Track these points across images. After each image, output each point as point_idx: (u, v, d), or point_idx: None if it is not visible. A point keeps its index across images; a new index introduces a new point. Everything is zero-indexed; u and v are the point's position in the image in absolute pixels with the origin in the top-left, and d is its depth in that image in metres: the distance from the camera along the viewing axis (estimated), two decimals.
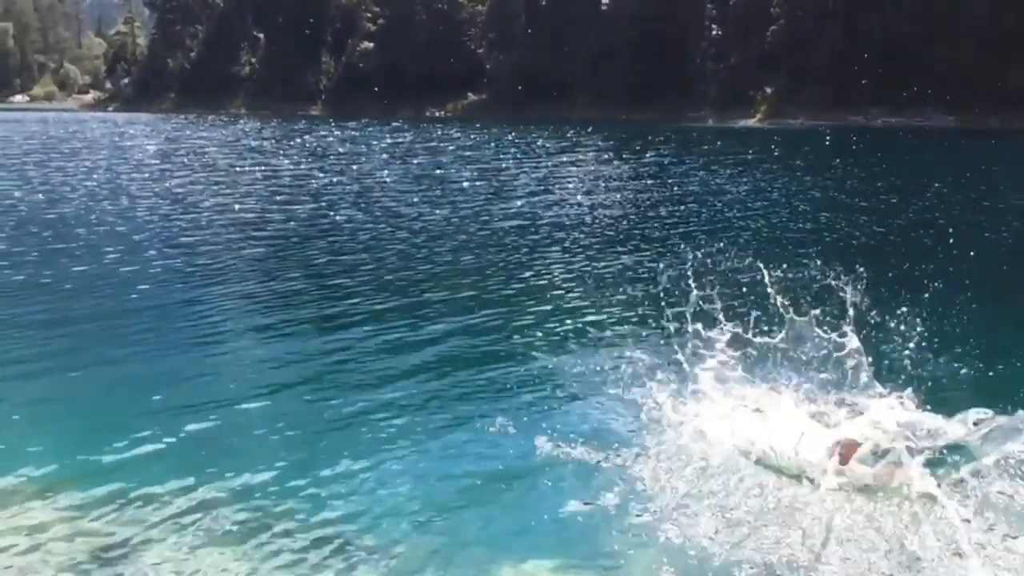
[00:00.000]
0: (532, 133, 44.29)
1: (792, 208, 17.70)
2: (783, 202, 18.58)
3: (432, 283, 10.82)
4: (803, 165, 28.09)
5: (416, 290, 10.45)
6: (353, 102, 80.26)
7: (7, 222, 14.81)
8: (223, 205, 17.59)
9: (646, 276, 11.50)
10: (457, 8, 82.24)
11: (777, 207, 17.80)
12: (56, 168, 24.86)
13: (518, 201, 18.34)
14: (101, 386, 6.76)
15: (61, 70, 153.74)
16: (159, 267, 11.36)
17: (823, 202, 18.73)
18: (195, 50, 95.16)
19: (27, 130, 48.52)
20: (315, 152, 32.65)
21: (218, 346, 7.93)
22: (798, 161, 29.18)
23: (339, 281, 10.80)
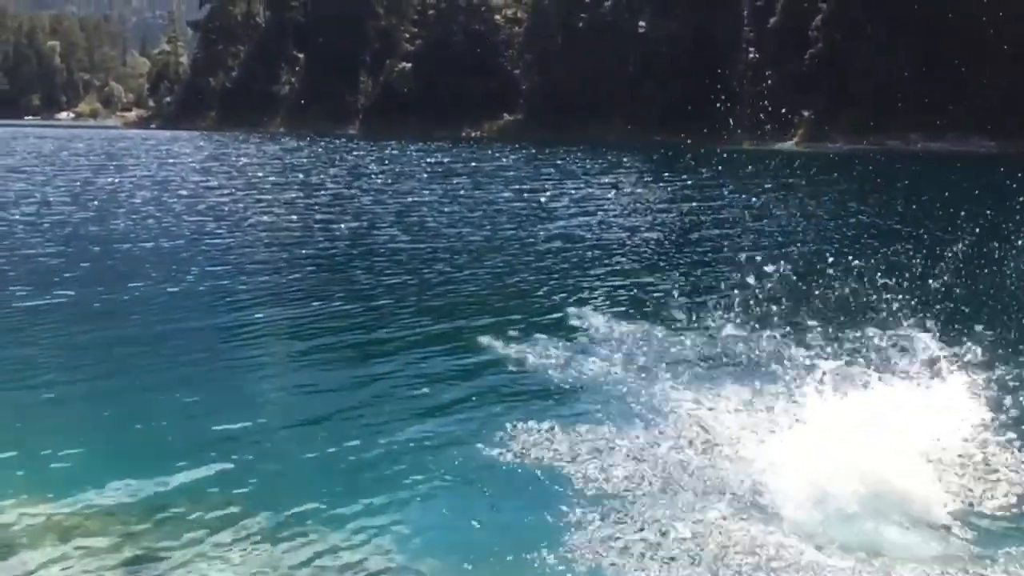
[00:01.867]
0: (569, 154, 44.36)
1: (838, 233, 17.49)
2: (828, 227, 18.38)
3: (475, 306, 10.80)
4: (844, 189, 27.80)
5: (459, 313, 10.44)
6: (390, 122, 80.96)
7: (57, 239, 15.04)
8: (265, 224, 17.77)
9: (689, 298, 11.42)
10: (494, 30, 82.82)
11: (822, 231, 17.61)
12: (102, 185, 25.29)
13: (559, 222, 18.32)
14: (141, 409, 6.73)
15: (106, 88, 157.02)
16: (203, 288, 11.45)
17: (867, 227, 18.51)
18: (236, 69, 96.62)
19: (73, 147, 49.46)
20: (354, 171, 32.92)
21: (259, 370, 7.93)
22: (838, 185, 28.89)
23: (381, 303, 10.82)
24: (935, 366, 6.22)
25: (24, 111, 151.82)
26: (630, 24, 73.95)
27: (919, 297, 7.97)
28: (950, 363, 6.33)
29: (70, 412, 6.62)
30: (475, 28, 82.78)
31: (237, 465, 5.59)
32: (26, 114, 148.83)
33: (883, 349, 6.81)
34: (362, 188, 25.68)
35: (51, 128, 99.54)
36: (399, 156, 42.68)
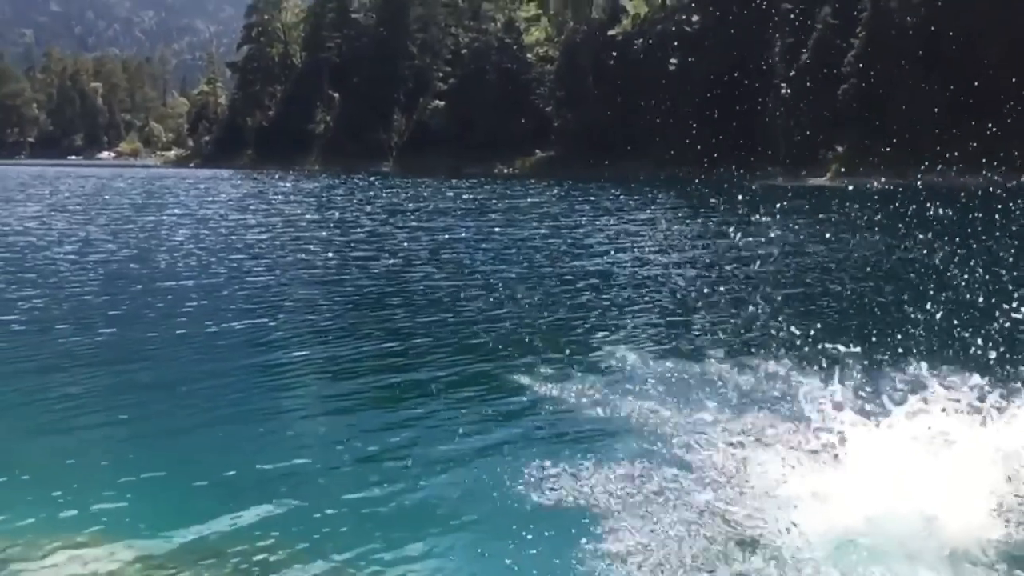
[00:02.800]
0: (602, 190, 44.46)
1: (880, 269, 17.28)
2: (868, 263, 18.17)
3: (511, 345, 10.78)
4: (882, 224, 27.51)
5: (495, 352, 10.42)
6: (423, 159, 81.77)
7: (99, 277, 15.29)
8: (303, 261, 17.95)
9: (728, 335, 11.33)
10: (526, 68, 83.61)
11: (863, 268, 17.41)
12: (143, 223, 25.74)
13: (594, 259, 18.32)
14: (181, 452, 6.78)
15: (146, 128, 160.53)
16: (242, 326, 11.54)
17: (910, 263, 18.28)
18: (273, 109, 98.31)
19: (114, 186, 50.48)
20: (389, 208, 33.21)
21: (297, 412, 7.97)
22: (876, 220, 28.60)
23: (418, 341, 10.84)
24: (992, 404, 6.09)
25: (67, 151, 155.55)
26: (661, 61, 74.32)
27: (966, 334, 7.84)
28: (1010, 403, 6.19)
29: (111, 454, 6.67)
30: (507, 66, 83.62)
31: (276, 506, 5.61)
32: (69, 154, 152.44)
33: (932, 386, 6.67)
34: (397, 225, 25.89)
35: (93, 167, 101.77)
36: (433, 193, 43.03)
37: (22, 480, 6.11)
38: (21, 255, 17.99)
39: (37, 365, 9.29)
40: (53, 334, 10.68)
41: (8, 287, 14.00)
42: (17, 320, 11.51)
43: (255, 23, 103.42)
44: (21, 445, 7.01)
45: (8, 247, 19.45)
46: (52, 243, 20.26)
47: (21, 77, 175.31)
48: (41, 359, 9.52)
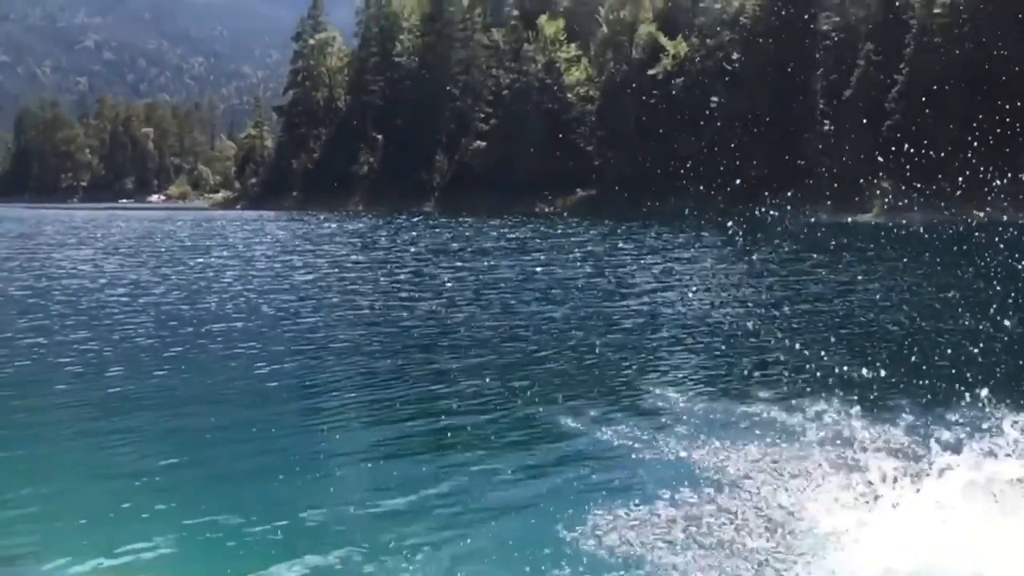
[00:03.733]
0: (644, 229, 44.41)
1: (930, 309, 16.95)
2: (919, 301, 17.86)
3: (556, 386, 10.74)
4: (932, 262, 27.05)
5: (540, 394, 10.37)
6: (465, 199, 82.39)
7: (148, 320, 15.54)
8: (348, 302, 18.12)
9: (776, 376, 11.17)
10: (567, 107, 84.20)
11: (913, 306, 17.10)
12: (191, 265, 26.21)
13: (639, 298, 18.24)
14: (228, 499, 6.78)
15: (195, 171, 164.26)
16: (289, 368, 11.64)
17: (963, 302, 17.91)
18: (318, 151, 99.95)
19: (164, 228, 51.58)
20: (432, 248, 33.47)
21: (343, 457, 7.96)
22: (925, 257, 28.13)
23: (463, 383, 10.84)
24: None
25: (119, 194, 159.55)
26: (702, 99, 74.40)
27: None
28: None
29: (163, 499, 6.72)
30: (548, 106, 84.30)
31: (325, 555, 5.61)
32: (120, 197, 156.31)
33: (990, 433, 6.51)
34: (441, 265, 26.05)
35: (143, 210, 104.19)
36: (475, 232, 43.31)
37: (77, 524, 6.19)
38: (75, 297, 18.39)
39: (90, 408, 9.45)
40: (106, 377, 10.87)
41: (62, 329, 14.30)
42: (71, 362, 11.74)
43: (301, 68, 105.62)
44: (74, 488, 7.12)
45: (62, 289, 19.91)
46: (104, 285, 20.70)
47: (75, 124, 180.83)
48: (94, 402, 9.69)
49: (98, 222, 60.93)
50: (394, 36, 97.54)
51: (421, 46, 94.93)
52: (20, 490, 6.92)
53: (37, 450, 8.15)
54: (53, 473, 7.51)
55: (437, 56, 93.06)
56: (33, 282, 21.22)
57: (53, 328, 14.41)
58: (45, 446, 8.27)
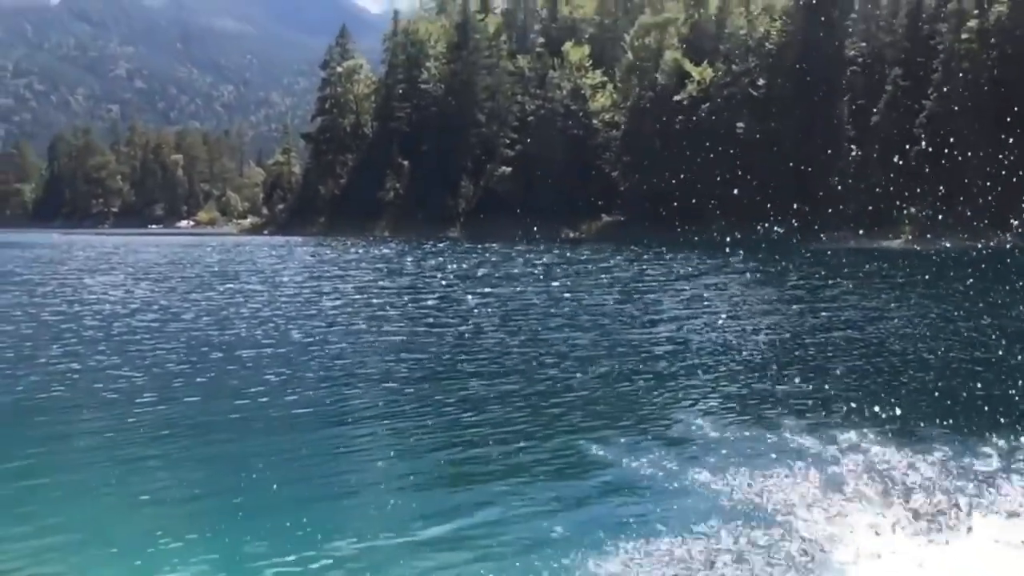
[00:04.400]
0: (671, 254, 44.26)
1: (962, 338, 16.74)
2: (951, 329, 17.63)
3: (584, 414, 10.71)
4: (962, 290, 26.72)
5: (568, 422, 10.36)
6: (491, 224, 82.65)
7: (178, 347, 15.65)
8: (376, 328, 18.16)
9: (806, 404, 11.06)
10: (592, 133, 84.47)
11: (946, 335, 16.88)
12: (220, 290, 26.43)
13: (667, 325, 18.16)
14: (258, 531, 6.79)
15: (223, 197, 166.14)
16: (317, 395, 11.67)
17: (993, 331, 17.67)
18: (344, 177, 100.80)
19: (193, 254, 52.13)
20: (458, 274, 33.55)
21: (372, 489, 7.94)
22: (956, 285, 27.80)
23: (491, 411, 10.83)
24: None
25: (148, 220, 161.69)
26: (728, 125, 74.37)
27: None
28: None
29: (189, 529, 6.75)
30: (573, 132, 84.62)
31: None
32: (150, 223, 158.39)
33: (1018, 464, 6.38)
34: (467, 291, 26.10)
35: (173, 235, 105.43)
36: (501, 258, 43.40)
37: (110, 552, 6.23)
38: (107, 323, 18.58)
39: (122, 435, 9.51)
40: (138, 404, 10.95)
41: (94, 355, 14.45)
42: (104, 388, 11.85)
43: (328, 95, 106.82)
44: (107, 515, 7.18)
45: (94, 314, 20.13)
46: (135, 311, 20.90)
47: (107, 151, 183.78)
48: (126, 429, 9.75)
49: (128, 247, 61.72)
50: (421, 63, 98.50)
51: (447, 73, 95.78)
52: (54, 516, 6.99)
53: (71, 476, 8.23)
54: (86, 499, 7.58)
55: (463, 83, 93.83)
56: (66, 307, 21.49)
57: (86, 354, 14.56)
58: (78, 472, 8.34)
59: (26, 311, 20.49)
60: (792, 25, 71.54)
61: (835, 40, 69.05)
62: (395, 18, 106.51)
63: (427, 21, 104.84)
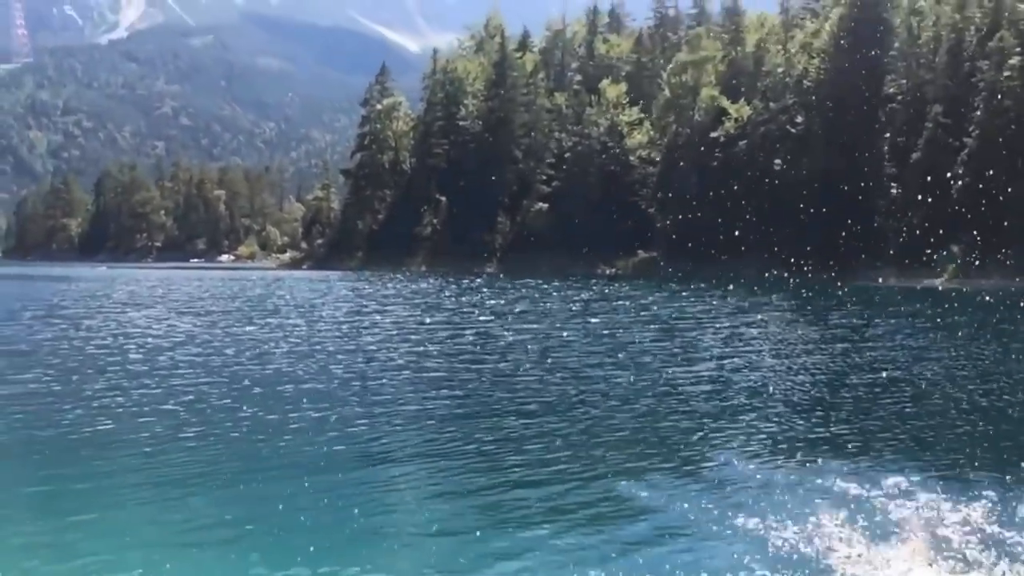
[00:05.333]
0: (708, 291, 44.00)
1: (1009, 379, 16.42)
2: (997, 370, 17.30)
3: (622, 453, 10.66)
4: (1007, 330, 26.27)
5: (606, 460, 10.31)
6: (527, 260, 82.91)
7: (219, 381, 15.82)
8: (414, 364, 18.23)
9: (848, 446, 10.91)
10: (628, 170, 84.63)
11: (992, 375, 16.58)
12: (260, 324, 26.73)
13: (705, 363, 18.03)
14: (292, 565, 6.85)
15: (263, 232, 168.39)
16: (356, 432, 11.72)
17: None
18: (383, 212, 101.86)
19: (233, 288, 52.80)
20: (495, 310, 33.61)
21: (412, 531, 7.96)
22: (1001, 325, 27.33)
23: (529, 449, 10.82)
24: None
25: (190, 254, 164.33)
26: (765, 162, 74.14)
27: None
28: None
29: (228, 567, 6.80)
30: (609, 168, 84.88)
31: None
32: (192, 257, 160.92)
33: None
34: (504, 327, 26.13)
35: (214, 269, 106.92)
36: (538, 293, 43.43)
37: None
38: (150, 356, 18.86)
39: (165, 470, 9.62)
40: (180, 439, 11.09)
41: (138, 388, 14.66)
42: (147, 422, 12.01)
43: (368, 132, 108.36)
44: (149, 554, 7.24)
45: (138, 347, 20.45)
46: (178, 344, 21.20)
47: (151, 186, 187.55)
48: (169, 464, 9.85)
49: (171, 281, 62.72)
50: (459, 100, 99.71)
51: (485, 110, 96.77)
52: (98, 553, 7.09)
53: (115, 513, 8.33)
54: (129, 536, 7.66)
55: (500, 120, 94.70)
56: (111, 340, 21.86)
57: (130, 388, 14.78)
58: (122, 509, 8.45)
59: (73, 344, 20.87)
60: (830, 63, 71.36)
61: (874, 77, 68.73)
62: (434, 56, 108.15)
63: (465, 59, 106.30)
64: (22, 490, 9.11)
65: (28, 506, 8.59)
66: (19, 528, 7.92)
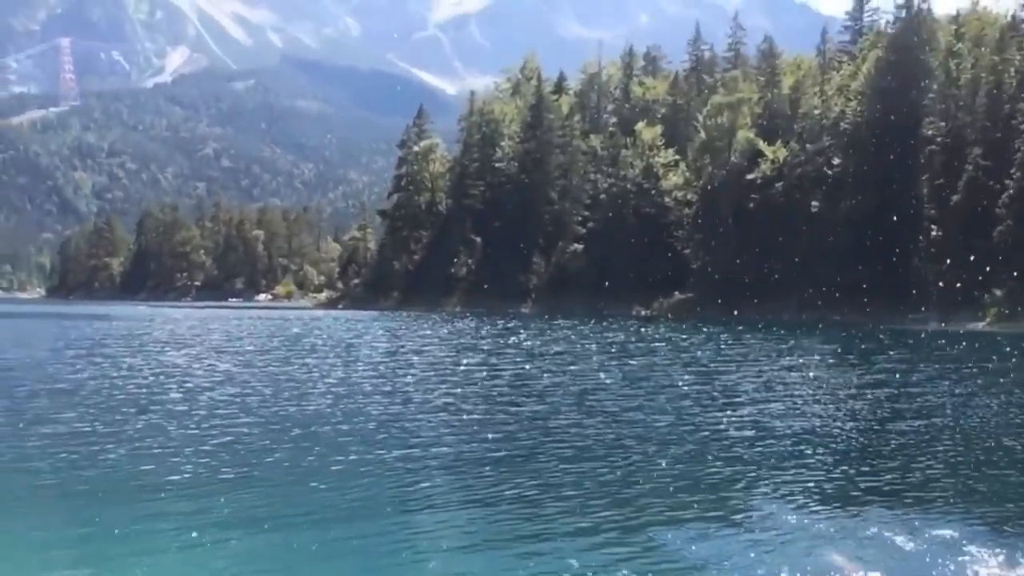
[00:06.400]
0: (745, 334, 43.59)
1: None
2: None
3: (661, 500, 10.51)
4: None
5: (645, 507, 10.18)
6: (562, 300, 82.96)
7: (258, 422, 15.90)
8: (451, 405, 18.20)
9: (894, 494, 10.68)
10: (664, 211, 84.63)
11: None
12: (298, 364, 26.91)
13: (745, 408, 17.80)
14: None
15: (301, 272, 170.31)
16: (393, 474, 11.72)
17: None
18: (418, 253, 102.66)
19: (271, 326, 53.32)
20: (532, 351, 33.55)
21: None
22: None
23: (567, 495, 10.73)
24: None
25: (229, 293, 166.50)
26: (802, 204, 73.74)
27: None
28: None
29: None
30: (645, 210, 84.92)
31: None
32: (230, 296, 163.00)
33: None
34: (541, 368, 26.05)
35: (252, 308, 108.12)
36: (574, 334, 43.30)
37: None
38: (189, 397, 19.03)
39: (200, 517, 9.60)
40: (217, 483, 11.12)
41: (177, 429, 14.77)
42: (184, 466, 12.08)
43: (404, 173, 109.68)
44: None
45: (178, 387, 20.67)
46: (216, 384, 21.39)
47: (192, 226, 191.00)
48: (205, 512, 9.82)
49: (210, 320, 63.48)
50: (495, 142, 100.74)
51: (521, 152, 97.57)
52: None
53: (155, 557, 8.35)
54: None
55: (536, 161, 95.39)
56: (151, 379, 22.11)
57: (169, 428, 14.91)
58: (162, 553, 8.48)
59: (114, 383, 21.14)
60: (867, 105, 71.10)
61: (912, 119, 68.29)
62: (471, 99, 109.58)
63: (502, 102, 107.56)
64: (64, 532, 9.19)
65: (69, 548, 8.65)
66: (60, 571, 7.98)
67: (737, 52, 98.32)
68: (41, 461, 12.11)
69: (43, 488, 10.88)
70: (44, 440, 13.56)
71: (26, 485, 10.94)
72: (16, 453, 12.68)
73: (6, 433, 14.14)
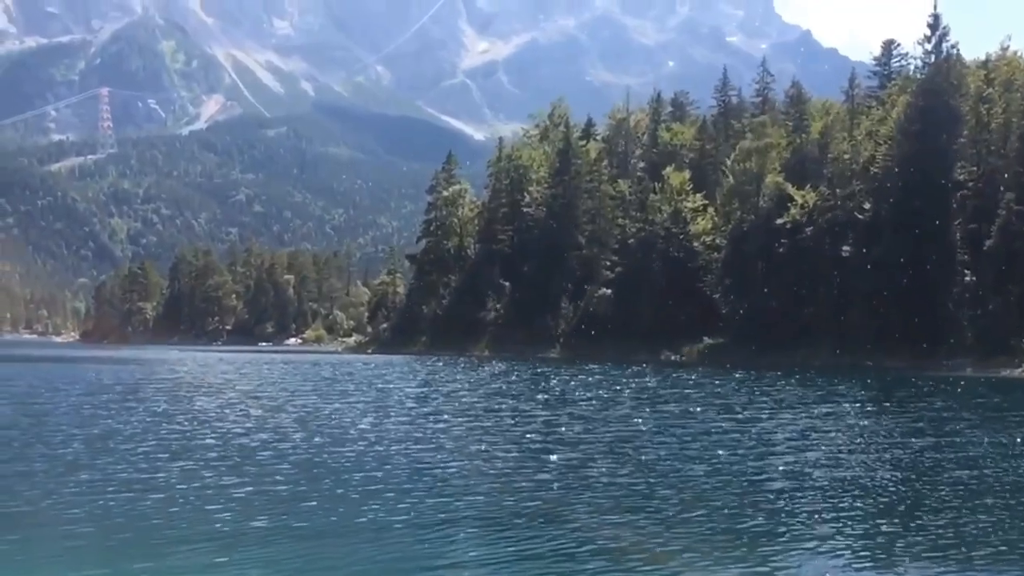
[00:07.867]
0: (778, 380, 43.09)
1: None
2: None
3: (697, 553, 10.34)
4: None
5: (680, 560, 10.01)
6: (590, 345, 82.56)
7: (289, 468, 15.91)
8: (480, 452, 18.11)
9: (941, 549, 10.43)
10: (693, 256, 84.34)
11: None
12: (328, 411, 26.93)
13: (783, 457, 17.52)
14: None
15: (330, 316, 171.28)
16: (424, 523, 11.66)
17: None
18: (447, 297, 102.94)
19: (301, 371, 53.55)
20: (561, 397, 33.36)
21: None
22: None
23: (599, 545, 10.60)
24: None
25: (259, 337, 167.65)
26: (833, 249, 73.21)
27: None
28: None
29: None
30: (674, 255, 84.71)
31: None
32: (260, 340, 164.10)
33: None
34: (571, 415, 25.86)
35: (282, 353, 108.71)
36: (603, 380, 43.03)
37: None
38: (221, 442, 19.10)
39: (236, 571, 9.61)
40: (247, 534, 11.11)
41: (208, 476, 14.80)
42: (215, 514, 12.10)
43: (433, 219, 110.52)
44: None
45: (210, 432, 20.77)
46: (249, 430, 21.47)
47: (224, 271, 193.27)
48: (240, 565, 9.81)
49: (241, 365, 63.88)
50: (523, 187, 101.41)
51: (549, 197, 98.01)
52: None
53: None
54: None
55: (564, 206, 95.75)
56: (184, 425, 22.24)
57: (203, 474, 14.96)
58: None
59: (148, 429, 21.28)
60: (897, 149, 70.79)
61: (943, 164, 67.81)
62: (499, 145, 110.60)
63: (530, 147, 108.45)
64: None
65: None
66: None
67: (765, 97, 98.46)
68: (78, 508, 12.17)
69: (78, 536, 10.92)
70: (80, 487, 13.65)
71: (63, 534, 10.98)
72: (53, 500, 12.76)
73: (43, 480, 14.25)
